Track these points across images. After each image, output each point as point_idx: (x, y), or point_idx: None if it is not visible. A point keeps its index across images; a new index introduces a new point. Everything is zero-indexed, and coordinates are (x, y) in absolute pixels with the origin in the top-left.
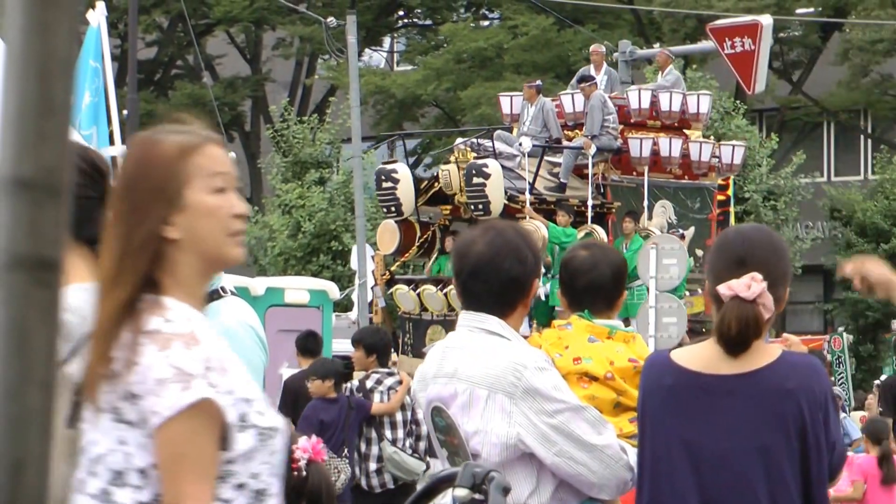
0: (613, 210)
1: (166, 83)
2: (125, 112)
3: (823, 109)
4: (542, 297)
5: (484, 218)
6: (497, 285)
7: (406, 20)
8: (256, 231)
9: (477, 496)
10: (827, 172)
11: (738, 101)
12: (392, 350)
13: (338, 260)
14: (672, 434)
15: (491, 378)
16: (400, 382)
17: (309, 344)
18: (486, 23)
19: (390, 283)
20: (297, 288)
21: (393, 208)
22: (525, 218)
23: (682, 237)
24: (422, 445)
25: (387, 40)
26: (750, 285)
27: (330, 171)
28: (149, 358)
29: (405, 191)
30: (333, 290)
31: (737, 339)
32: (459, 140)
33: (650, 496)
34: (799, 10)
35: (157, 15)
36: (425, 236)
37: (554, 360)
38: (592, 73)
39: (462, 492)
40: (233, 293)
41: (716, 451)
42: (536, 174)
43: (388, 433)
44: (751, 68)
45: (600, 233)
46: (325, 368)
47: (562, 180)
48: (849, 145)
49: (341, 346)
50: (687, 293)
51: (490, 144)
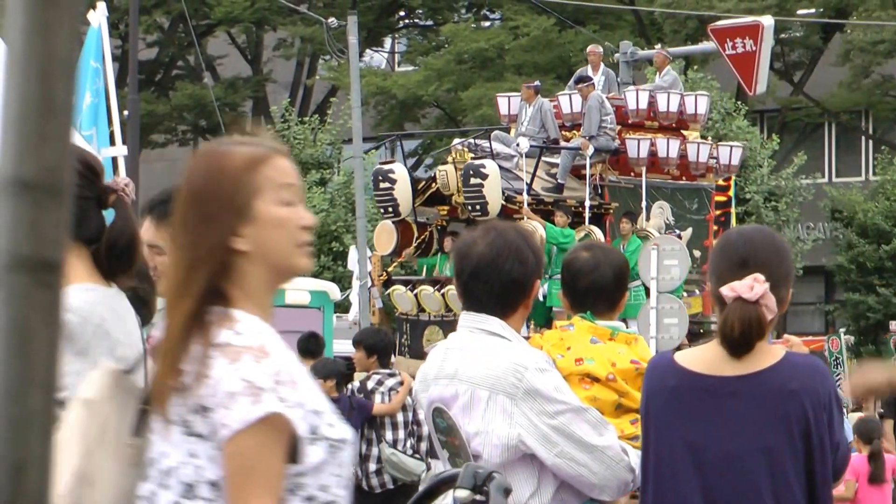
0: (611, 211)
1: (167, 84)
2: (126, 112)
3: (824, 110)
4: (540, 298)
5: (481, 218)
6: (498, 286)
7: (407, 21)
8: None
9: (478, 497)
10: (828, 173)
11: (739, 102)
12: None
13: (339, 261)
14: (676, 436)
15: (492, 379)
16: (401, 383)
17: (310, 345)
18: (488, 23)
19: (387, 283)
20: (298, 289)
21: (390, 209)
22: (522, 219)
23: (680, 238)
24: (423, 446)
25: (388, 41)
26: (752, 286)
27: (331, 172)
28: (219, 371)
29: (402, 191)
30: (334, 291)
31: (740, 341)
32: (457, 140)
33: (654, 498)
34: (800, 11)
35: (157, 15)
36: (423, 237)
37: (556, 361)
38: (590, 73)
39: (463, 493)
40: None
41: (720, 452)
42: (534, 175)
43: (388, 434)
44: (752, 69)
45: (598, 234)
46: (327, 369)
47: (559, 181)
48: (850, 146)
49: (342, 346)
50: (685, 294)
51: (487, 145)
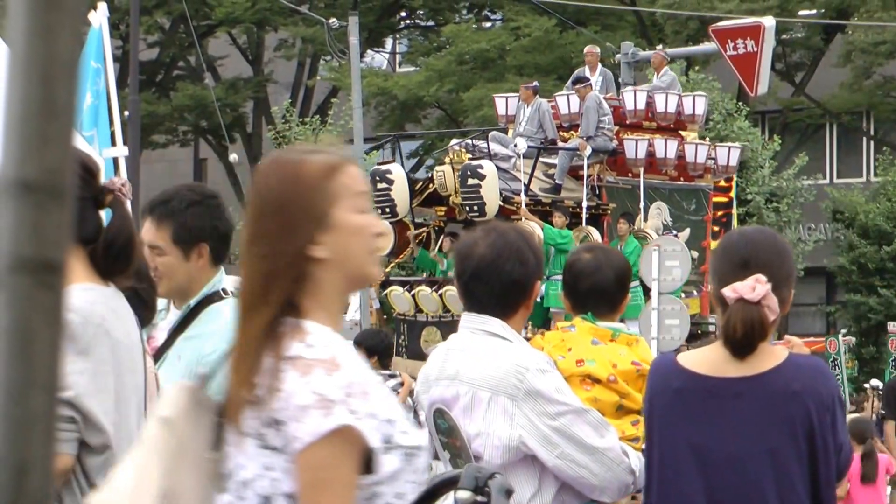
0: (609, 211)
1: (168, 84)
2: (126, 113)
3: (826, 111)
4: (538, 299)
5: (479, 219)
6: (499, 287)
7: (408, 21)
8: None
9: (480, 498)
10: (829, 174)
11: (740, 103)
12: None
13: None
14: (680, 437)
15: (493, 380)
16: (401, 384)
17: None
18: (489, 24)
19: (385, 284)
20: None
21: (387, 209)
22: (520, 219)
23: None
24: None
25: (389, 41)
26: (754, 287)
27: None
28: (291, 384)
29: (400, 192)
30: None
31: (742, 342)
32: (454, 141)
33: (658, 500)
34: (801, 12)
35: (158, 16)
36: (420, 238)
37: (557, 362)
38: (587, 74)
39: (464, 494)
40: (234, 295)
41: (724, 453)
42: (532, 175)
43: None
44: (753, 70)
45: (595, 234)
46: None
47: (557, 181)
48: (851, 147)
49: None
50: (682, 295)
51: (485, 146)
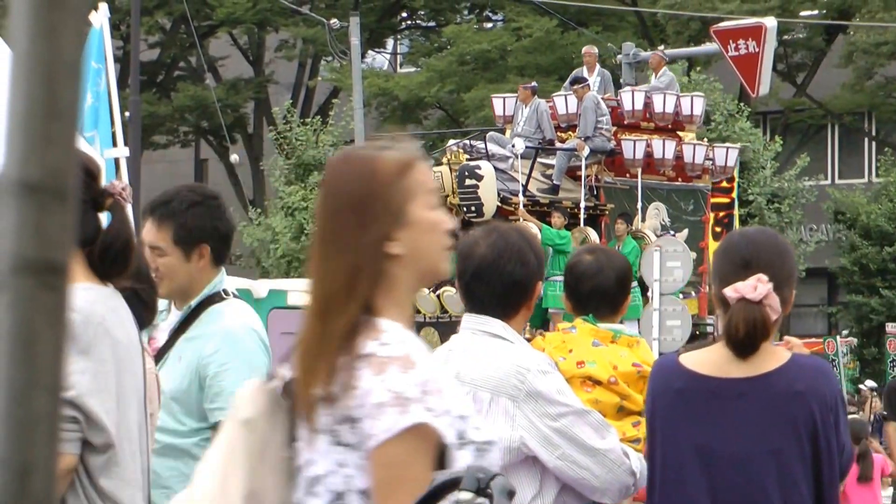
0: (606, 212)
1: (169, 85)
2: (127, 114)
3: (827, 112)
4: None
5: (476, 220)
6: (500, 288)
7: (409, 22)
8: (259, 233)
9: (481, 500)
10: (831, 175)
11: (742, 104)
12: None
13: None
14: (683, 438)
15: (494, 381)
16: None
17: None
18: (490, 25)
19: None
20: (301, 290)
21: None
22: (518, 220)
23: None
24: None
25: (390, 42)
26: (756, 286)
27: None
28: (366, 382)
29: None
30: None
31: (745, 342)
32: (452, 142)
33: (661, 500)
34: (803, 13)
35: (159, 16)
36: None
37: (558, 363)
38: (585, 74)
39: (466, 495)
40: (235, 296)
41: (727, 454)
42: (529, 176)
43: None
44: (755, 71)
45: (593, 235)
46: None
47: (555, 182)
48: (853, 148)
49: None
50: (681, 296)
51: (482, 146)
